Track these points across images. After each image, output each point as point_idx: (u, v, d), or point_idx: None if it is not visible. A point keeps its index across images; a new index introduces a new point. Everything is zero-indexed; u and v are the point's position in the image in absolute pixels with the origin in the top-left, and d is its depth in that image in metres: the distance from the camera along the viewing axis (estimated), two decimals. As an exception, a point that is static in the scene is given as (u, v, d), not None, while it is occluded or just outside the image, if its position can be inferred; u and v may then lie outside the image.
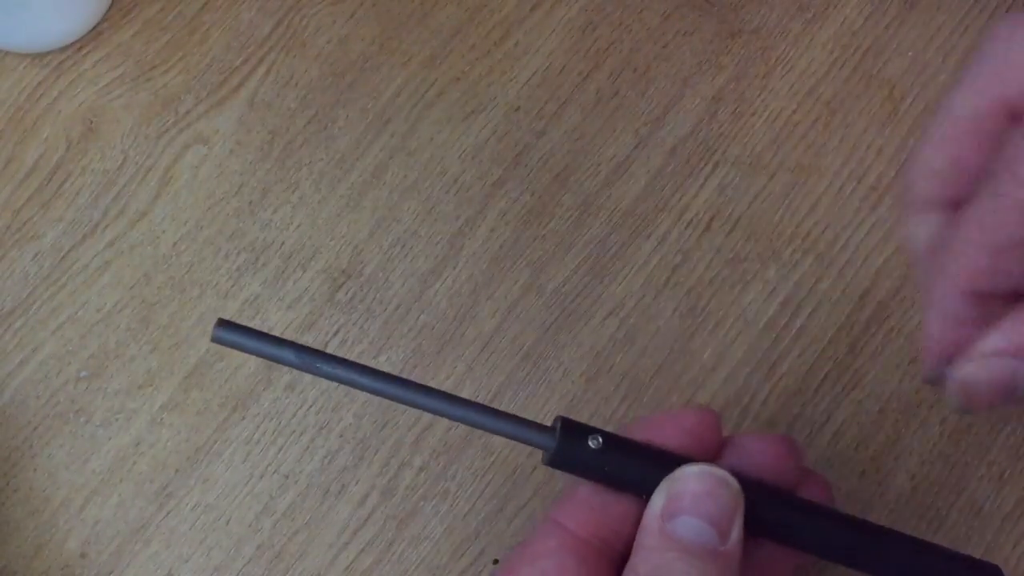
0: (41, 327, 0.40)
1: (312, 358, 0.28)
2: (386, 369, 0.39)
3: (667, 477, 0.29)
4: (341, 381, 0.29)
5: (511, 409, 0.39)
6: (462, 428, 0.39)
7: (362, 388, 0.29)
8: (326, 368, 0.28)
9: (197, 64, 0.43)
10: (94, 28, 0.43)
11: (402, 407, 0.39)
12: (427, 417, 0.39)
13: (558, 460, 0.30)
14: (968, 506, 0.38)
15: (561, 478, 0.39)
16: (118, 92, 0.43)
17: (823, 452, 0.39)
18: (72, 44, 0.43)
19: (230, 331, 0.28)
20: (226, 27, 0.43)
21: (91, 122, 0.42)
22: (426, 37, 0.44)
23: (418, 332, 0.40)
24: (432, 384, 0.39)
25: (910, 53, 0.43)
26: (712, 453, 0.31)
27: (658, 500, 0.28)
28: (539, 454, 0.39)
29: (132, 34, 0.43)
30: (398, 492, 0.38)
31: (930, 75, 0.43)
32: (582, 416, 0.39)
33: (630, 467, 0.30)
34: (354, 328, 0.40)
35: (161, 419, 0.39)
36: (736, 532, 0.28)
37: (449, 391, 0.39)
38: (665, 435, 0.30)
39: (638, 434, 0.30)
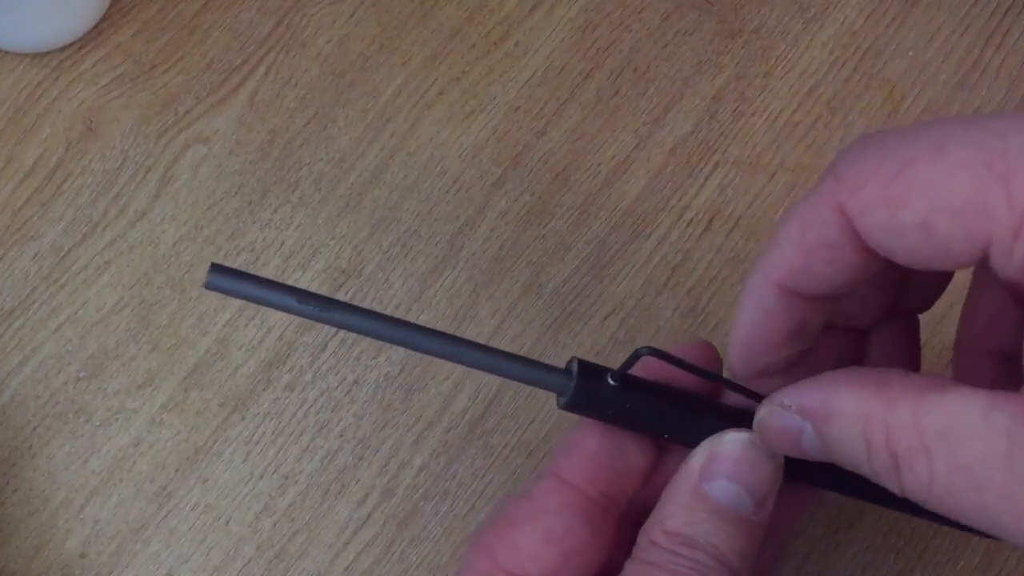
0: (41, 327, 0.40)
1: (316, 304, 0.27)
2: (386, 368, 0.39)
3: (710, 438, 0.28)
4: (348, 328, 0.27)
5: (512, 408, 0.39)
6: (462, 428, 0.39)
7: (370, 334, 0.27)
8: (331, 314, 0.27)
9: (197, 64, 0.43)
10: (94, 28, 0.43)
11: (401, 407, 0.39)
12: (427, 417, 0.39)
13: (577, 400, 0.28)
14: (968, 506, 0.38)
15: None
16: (118, 92, 0.43)
17: (823, 452, 0.39)
18: (72, 44, 0.43)
19: (225, 277, 0.26)
20: (226, 27, 0.43)
21: (91, 122, 0.42)
22: (426, 37, 0.44)
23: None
24: (432, 384, 0.39)
25: (910, 53, 0.43)
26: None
27: (698, 458, 0.28)
28: (540, 452, 0.39)
29: (132, 34, 0.43)
30: (398, 492, 0.38)
31: (930, 75, 0.43)
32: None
33: (651, 403, 0.29)
34: (354, 328, 0.40)
35: (161, 419, 0.39)
36: (771, 503, 0.28)
37: (449, 392, 0.39)
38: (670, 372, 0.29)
39: (644, 374, 0.30)
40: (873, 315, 0.30)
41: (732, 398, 0.30)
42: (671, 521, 0.27)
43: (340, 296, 0.40)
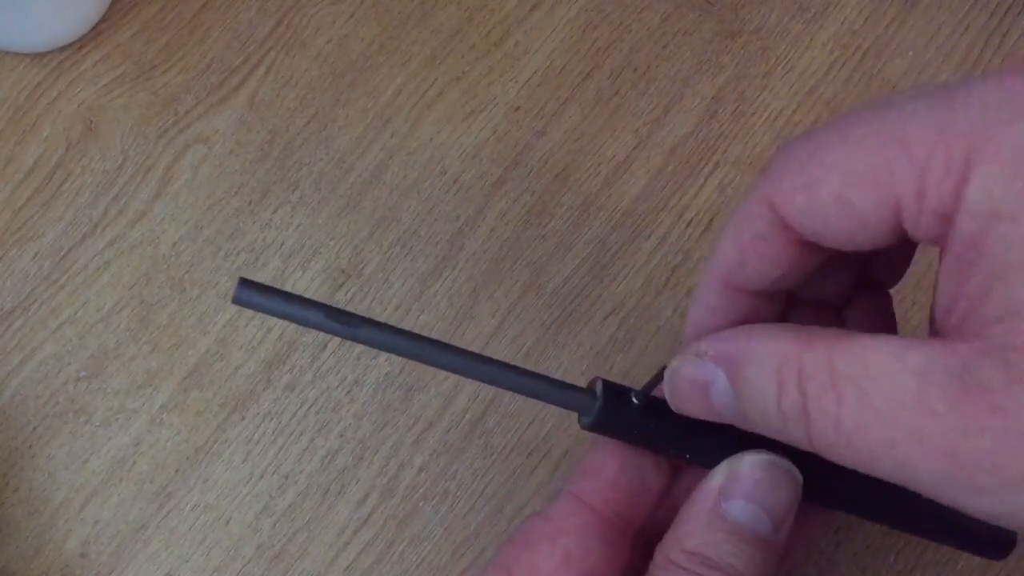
0: (41, 327, 0.40)
1: (344, 320, 0.26)
2: (386, 368, 0.39)
3: (730, 458, 0.28)
4: (376, 346, 0.27)
5: (512, 408, 0.39)
6: (462, 428, 0.39)
7: (396, 352, 0.27)
8: (359, 331, 0.27)
9: (197, 64, 0.43)
10: (94, 28, 0.43)
11: (401, 407, 0.39)
12: (427, 417, 0.39)
13: (601, 421, 0.28)
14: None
15: (561, 478, 0.38)
16: (118, 92, 0.43)
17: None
18: (72, 44, 0.43)
19: (253, 292, 0.26)
20: (226, 27, 0.43)
21: (91, 122, 0.42)
22: (426, 37, 0.44)
23: (418, 332, 0.40)
24: (432, 384, 0.39)
25: (910, 53, 0.43)
26: None
27: (717, 478, 0.28)
28: (540, 452, 0.39)
29: (132, 34, 0.43)
30: (398, 492, 0.38)
31: (930, 75, 0.43)
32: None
33: (674, 424, 0.28)
34: (354, 328, 0.40)
35: (161, 419, 0.39)
36: (789, 524, 0.28)
37: (449, 392, 0.39)
38: None
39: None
40: (841, 288, 0.30)
41: None
42: (689, 540, 0.27)
43: (340, 296, 0.40)
